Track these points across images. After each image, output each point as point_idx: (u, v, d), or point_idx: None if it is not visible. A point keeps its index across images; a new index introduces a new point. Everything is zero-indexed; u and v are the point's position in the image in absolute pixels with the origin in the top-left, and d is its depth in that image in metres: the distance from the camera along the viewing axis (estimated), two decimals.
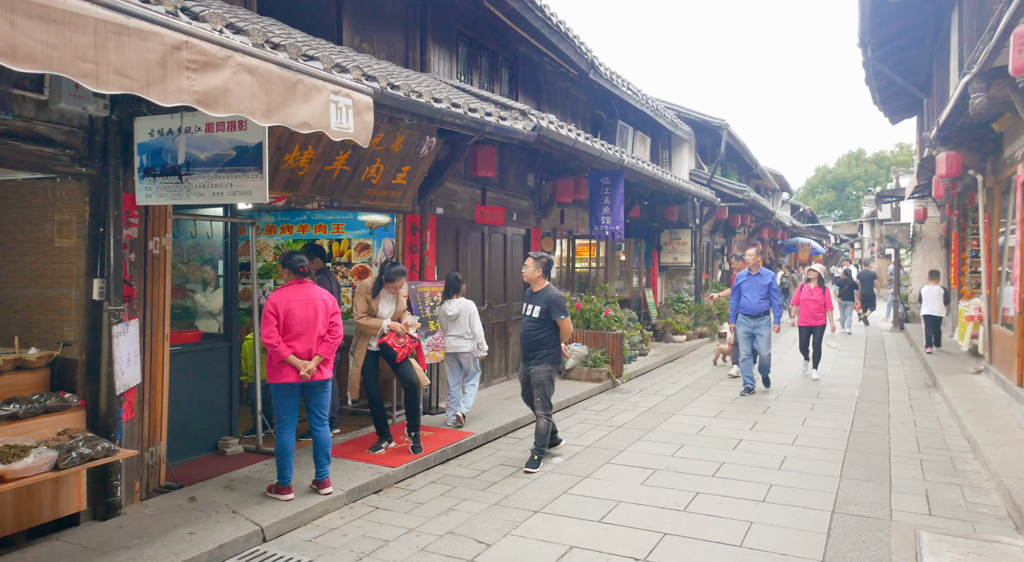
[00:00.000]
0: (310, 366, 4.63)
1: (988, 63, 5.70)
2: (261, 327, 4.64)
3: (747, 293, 8.74)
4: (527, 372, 5.76)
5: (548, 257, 5.79)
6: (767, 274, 8.78)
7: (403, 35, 7.75)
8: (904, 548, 4.01)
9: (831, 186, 58.10)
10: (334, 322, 4.83)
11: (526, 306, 5.77)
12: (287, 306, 4.65)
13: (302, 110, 3.01)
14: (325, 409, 4.90)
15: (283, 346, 4.57)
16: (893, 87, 13.26)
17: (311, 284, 4.88)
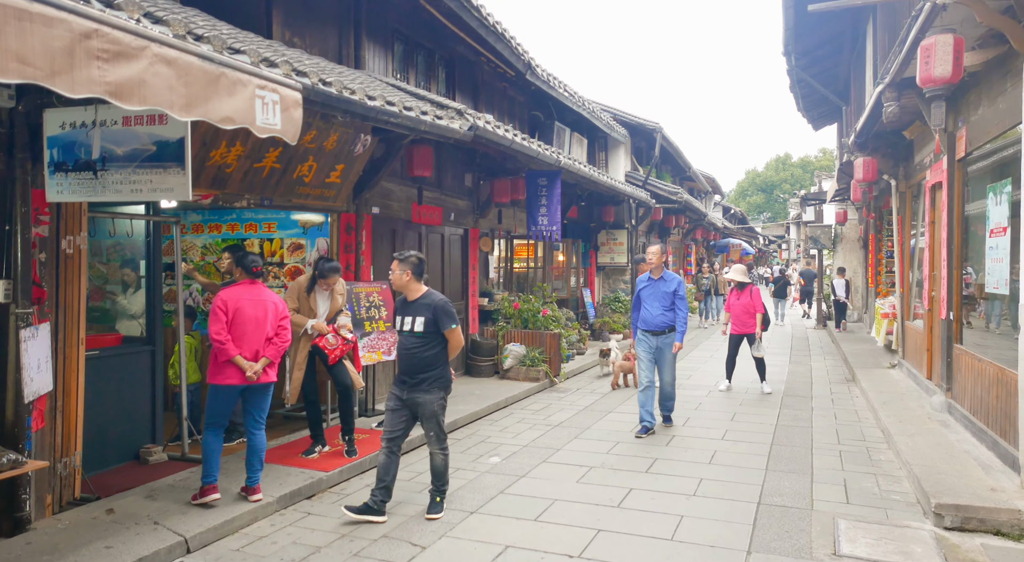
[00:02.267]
0: (256, 368, 4.55)
1: (899, 73, 6.02)
2: (210, 323, 4.52)
3: (648, 303, 6.76)
4: (408, 401, 4.58)
5: (417, 255, 4.66)
6: (672, 279, 6.78)
7: (337, 31, 7.60)
8: (824, 535, 4.20)
9: (760, 189, 60.35)
10: (283, 325, 4.77)
11: (401, 320, 4.62)
12: (236, 304, 4.58)
13: (225, 105, 2.90)
14: (265, 412, 4.80)
15: (231, 345, 4.49)
16: (815, 95, 13.87)
17: (262, 285, 4.83)
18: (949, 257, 6.80)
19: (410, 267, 4.59)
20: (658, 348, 6.73)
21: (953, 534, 4.19)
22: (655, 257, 6.77)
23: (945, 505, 4.31)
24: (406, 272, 4.58)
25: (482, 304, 10.16)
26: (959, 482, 4.68)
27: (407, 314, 4.60)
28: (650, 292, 6.80)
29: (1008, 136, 5.26)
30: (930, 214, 7.69)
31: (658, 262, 6.78)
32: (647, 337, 6.78)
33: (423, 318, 4.53)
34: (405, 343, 4.62)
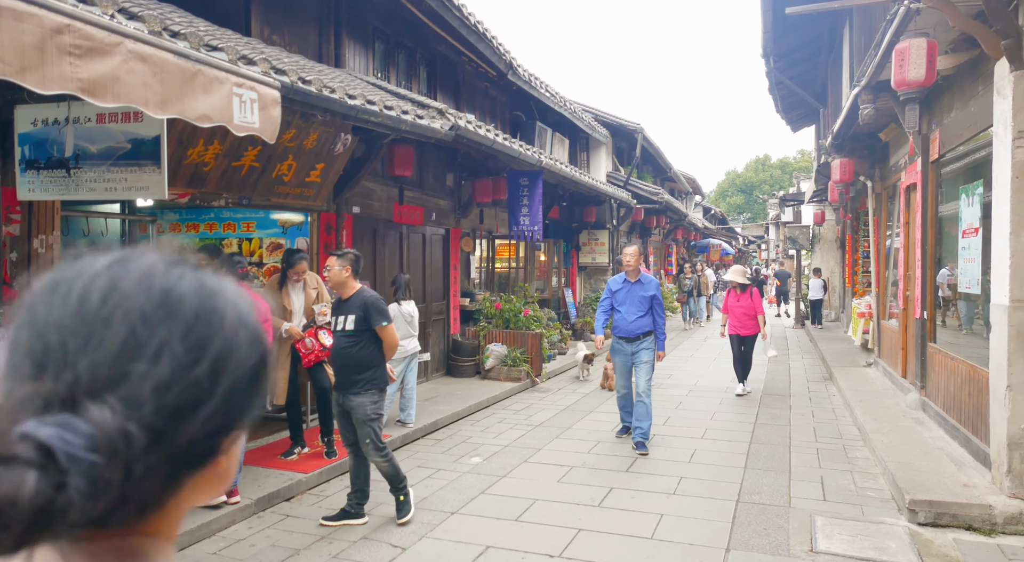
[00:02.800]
0: None
1: (875, 76, 6.11)
2: None
3: (623, 307, 6.33)
4: (343, 405, 4.41)
5: (355, 253, 4.53)
6: (650, 282, 6.36)
7: (317, 29, 7.54)
8: (801, 532, 4.24)
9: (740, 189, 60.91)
10: (264, 328, 4.69)
11: (335, 319, 4.52)
12: None
13: (202, 102, 2.87)
14: None
15: None
16: (793, 97, 14.03)
17: (247, 288, 4.74)
18: (923, 257, 6.92)
19: (349, 263, 4.44)
20: (634, 354, 6.30)
21: (927, 529, 4.26)
22: (632, 258, 6.34)
23: (919, 501, 4.38)
24: (345, 268, 4.42)
25: (463, 304, 10.14)
26: (932, 478, 4.76)
27: (341, 313, 4.46)
28: (625, 296, 6.35)
29: (980, 139, 5.36)
30: (905, 215, 7.81)
31: (636, 264, 6.37)
32: (622, 344, 6.35)
33: (354, 316, 4.38)
34: (338, 343, 4.48)
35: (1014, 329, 4.30)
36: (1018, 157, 4.29)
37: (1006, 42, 4.25)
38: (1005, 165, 4.40)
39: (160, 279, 0.56)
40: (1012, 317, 4.30)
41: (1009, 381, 4.31)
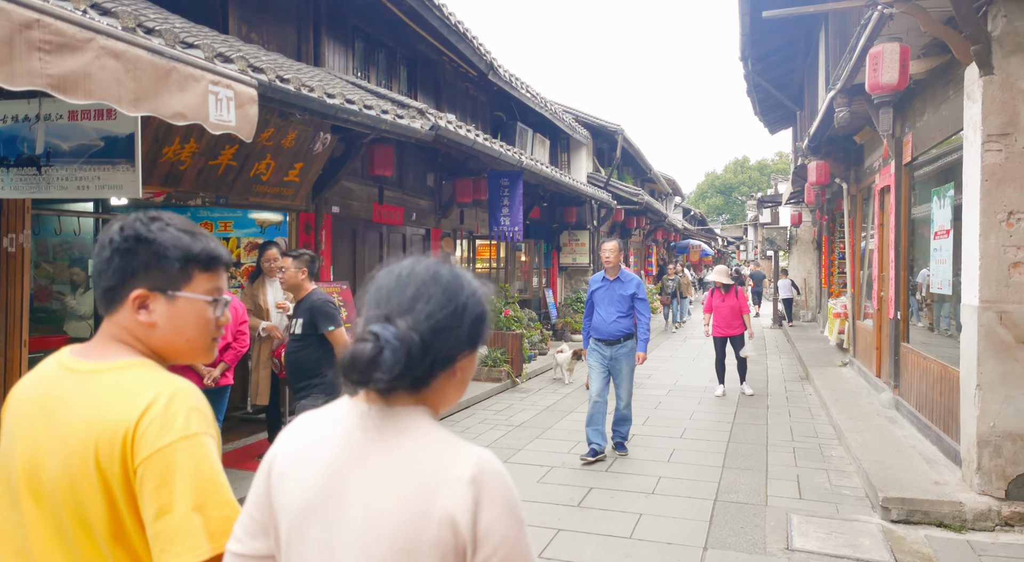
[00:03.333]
0: (215, 374, 4.47)
1: (849, 80, 6.21)
2: None
3: (601, 307, 5.90)
4: (297, 410, 4.47)
5: (311, 254, 4.42)
6: (631, 280, 5.92)
7: (296, 27, 7.48)
8: (777, 531, 4.29)
9: (719, 191, 61.50)
10: (242, 330, 4.68)
11: (291, 322, 4.49)
12: None
13: (176, 100, 2.83)
14: (222, 415, 4.76)
15: None
16: (771, 99, 14.20)
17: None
18: (897, 258, 7.03)
19: (305, 265, 4.32)
20: (613, 359, 5.80)
21: (899, 526, 4.33)
22: (612, 254, 5.88)
23: (892, 499, 4.45)
24: (301, 270, 4.31)
25: None
26: (905, 476, 4.84)
27: (295, 316, 4.37)
28: (604, 295, 5.89)
29: (951, 142, 5.46)
30: (879, 217, 7.94)
31: (616, 260, 5.92)
32: (600, 347, 5.86)
33: (302, 319, 4.28)
34: (289, 347, 4.43)
35: (984, 329, 4.39)
36: (987, 160, 4.38)
37: (976, 47, 4.33)
38: (975, 168, 4.49)
39: (432, 265, 1.10)
40: (982, 317, 4.39)
41: (979, 380, 4.40)
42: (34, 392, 1.22)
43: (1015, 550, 3.93)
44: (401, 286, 1.06)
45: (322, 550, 1.00)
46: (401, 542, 0.95)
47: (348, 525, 0.99)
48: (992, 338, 4.36)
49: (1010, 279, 4.35)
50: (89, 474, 1.11)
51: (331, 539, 0.99)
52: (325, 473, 1.02)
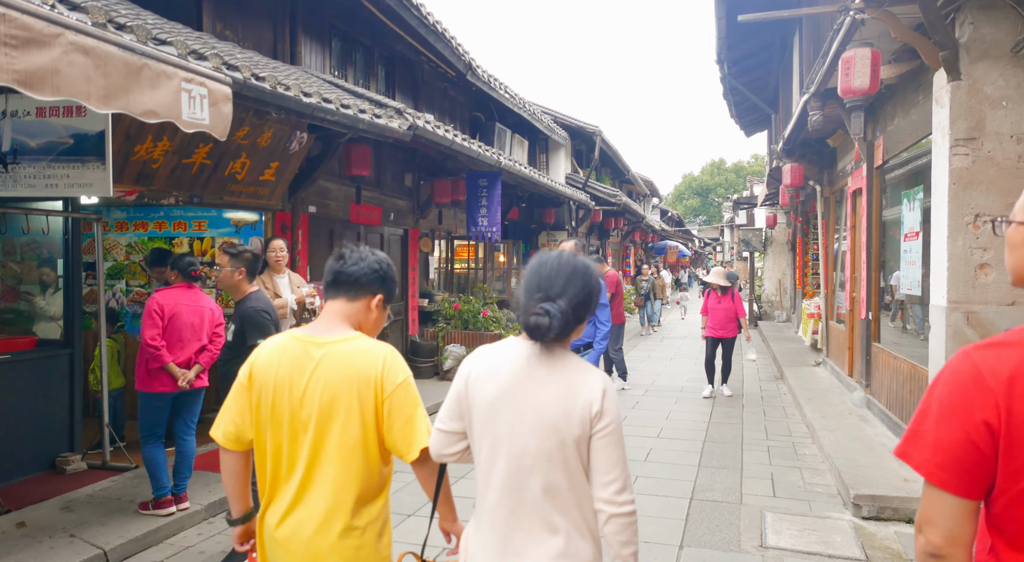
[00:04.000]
0: (189, 376, 4.39)
1: (822, 84, 6.30)
2: (144, 328, 4.31)
3: None
4: None
5: (253, 252, 3.94)
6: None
7: (271, 25, 7.40)
8: (751, 528, 4.35)
9: (696, 192, 62.07)
10: (217, 332, 4.62)
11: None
12: (174, 309, 4.39)
13: (148, 97, 2.78)
14: (196, 417, 4.66)
15: (165, 351, 4.30)
16: (747, 102, 14.37)
17: (199, 290, 4.65)
18: (868, 260, 7.16)
19: (243, 264, 3.86)
20: None
21: (870, 523, 4.41)
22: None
23: (863, 496, 4.53)
24: (239, 270, 3.84)
25: (422, 305, 10.08)
26: (876, 474, 4.93)
27: (231, 321, 4.03)
28: None
29: (920, 146, 5.57)
30: (851, 219, 8.07)
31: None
32: None
33: (234, 326, 3.91)
34: (220, 355, 4.24)
35: (951, 329, 4.48)
36: (955, 164, 4.48)
37: (944, 54, 4.43)
38: (943, 171, 4.59)
39: (572, 260, 1.73)
40: (949, 318, 4.49)
41: None
42: (282, 358, 1.92)
43: None
44: (555, 275, 1.70)
45: (508, 425, 1.69)
46: (560, 417, 1.65)
47: (525, 411, 1.68)
48: (960, 338, 4.46)
49: (976, 280, 4.45)
50: (351, 405, 1.86)
51: (514, 418, 1.69)
52: (509, 381, 1.71)
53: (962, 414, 1.18)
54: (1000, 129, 4.40)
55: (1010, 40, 4.37)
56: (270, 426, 1.90)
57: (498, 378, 1.73)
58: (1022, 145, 4.36)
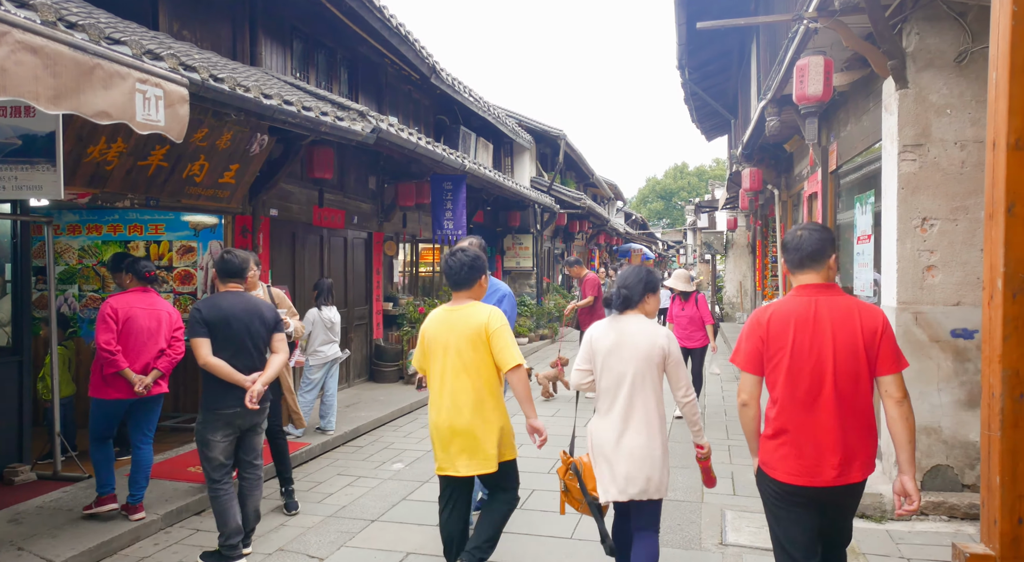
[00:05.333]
0: (147, 382, 4.29)
1: (779, 91, 6.47)
2: (98, 332, 4.21)
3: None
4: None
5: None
6: (496, 291, 4.36)
7: (231, 25, 7.29)
8: (712, 526, 4.43)
9: (660, 196, 62.88)
10: (176, 336, 4.52)
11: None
12: (128, 313, 4.30)
13: (100, 98, 2.72)
14: (154, 426, 4.55)
15: (121, 357, 4.20)
16: (707, 108, 14.64)
17: (155, 293, 4.57)
18: None
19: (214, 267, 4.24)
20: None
21: None
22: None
23: None
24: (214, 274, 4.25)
25: (387, 309, 10.02)
26: None
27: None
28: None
29: (872, 151, 5.75)
30: (808, 222, 8.28)
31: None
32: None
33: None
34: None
35: (901, 329, 4.63)
36: (903, 169, 4.64)
37: (892, 62, 4.59)
38: (892, 177, 4.75)
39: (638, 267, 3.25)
40: (899, 318, 4.64)
41: None
42: (439, 318, 3.35)
43: (929, 537, 4.17)
44: (628, 274, 3.18)
45: (617, 361, 3.04)
46: (647, 353, 3.02)
47: (626, 353, 3.04)
48: (909, 337, 4.61)
49: (924, 281, 4.61)
50: (477, 340, 3.22)
51: (621, 355, 3.04)
52: (615, 336, 3.08)
53: (753, 337, 2.68)
54: (945, 136, 4.58)
55: (954, 50, 4.54)
56: (433, 360, 3.35)
57: (609, 335, 3.12)
58: (965, 151, 4.54)
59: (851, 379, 2.56)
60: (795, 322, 2.60)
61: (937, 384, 4.58)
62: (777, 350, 2.62)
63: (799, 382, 2.60)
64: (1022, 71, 2.30)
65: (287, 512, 4.71)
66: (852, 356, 2.56)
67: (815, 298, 2.62)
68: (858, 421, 2.57)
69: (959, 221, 4.56)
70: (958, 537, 4.14)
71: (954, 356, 4.56)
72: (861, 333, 2.56)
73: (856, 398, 2.56)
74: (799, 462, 2.58)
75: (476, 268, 3.32)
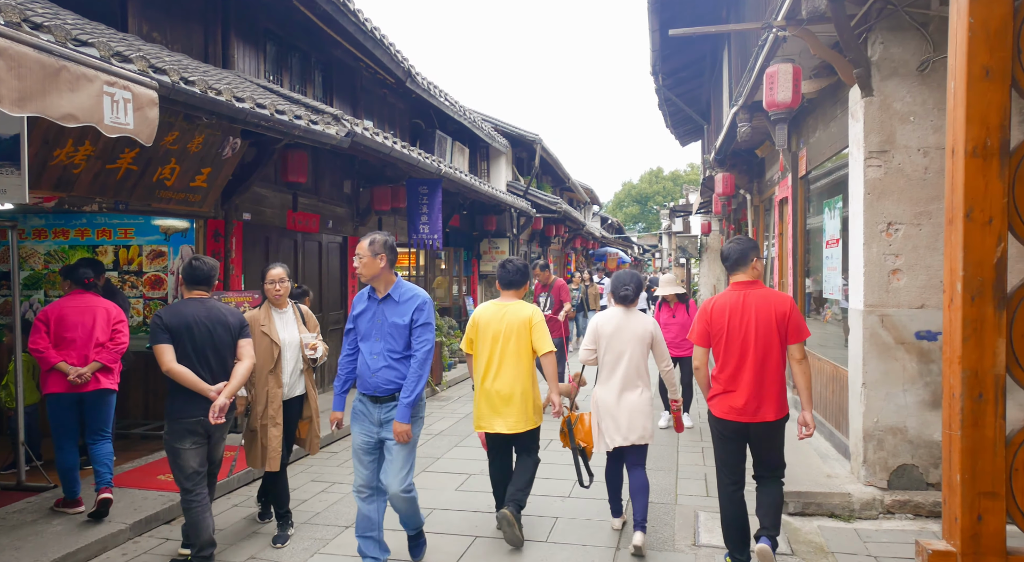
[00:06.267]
0: (82, 371, 4.43)
1: (750, 97, 6.57)
2: (29, 337, 4.47)
3: (365, 343, 3.76)
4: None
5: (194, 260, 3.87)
6: (410, 299, 3.72)
7: (202, 27, 7.21)
8: (685, 527, 4.47)
9: (636, 200, 63.37)
10: (117, 329, 4.68)
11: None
12: (59, 313, 4.55)
13: (67, 101, 2.68)
14: (106, 422, 4.64)
15: (51, 352, 4.42)
16: (681, 113, 14.81)
17: (93, 295, 4.73)
18: (794, 266, 7.48)
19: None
20: (383, 425, 3.67)
21: (795, 518, 4.60)
22: (366, 258, 3.63)
23: (788, 492, 4.70)
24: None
25: None
26: (801, 471, 5.14)
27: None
28: (369, 323, 3.72)
29: (840, 157, 5.87)
30: (779, 226, 8.42)
31: (375, 270, 3.63)
32: (366, 407, 3.71)
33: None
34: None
35: (868, 331, 4.74)
36: (869, 175, 4.75)
37: (858, 71, 4.70)
38: (859, 182, 4.85)
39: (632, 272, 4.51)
40: (866, 320, 4.74)
41: (864, 379, 4.75)
42: (490, 310, 4.28)
43: (896, 535, 4.26)
44: (626, 278, 4.35)
45: (618, 342, 4.21)
46: (640, 336, 4.22)
47: (625, 336, 4.21)
48: (875, 339, 4.72)
49: (890, 285, 4.72)
50: (522, 330, 4.17)
51: (621, 337, 4.21)
52: (616, 323, 4.25)
53: (702, 321, 3.74)
54: (909, 143, 4.69)
55: (916, 59, 4.67)
56: (483, 342, 4.23)
57: (611, 323, 4.25)
58: (928, 158, 4.66)
59: (765, 349, 3.59)
60: (729, 309, 3.67)
61: (903, 385, 4.68)
62: (718, 330, 3.69)
63: (732, 352, 3.64)
64: (979, 81, 2.38)
65: (260, 521, 4.65)
66: (767, 332, 3.59)
67: (743, 292, 3.69)
68: (770, 379, 3.60)
69: (923, 226, 4.68)
70: (923, 534, 4.23)
71: (919, 358, 4.67)
72: (774, 315, 3.59)
73: (768, 363, 3.59)
74: (732, 406, 3.65)
75: (525, 274, 4.34)
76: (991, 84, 2.36)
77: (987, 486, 2.35)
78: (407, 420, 3.60)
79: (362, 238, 3.77)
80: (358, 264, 3.70)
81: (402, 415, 3.59)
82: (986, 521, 2.35)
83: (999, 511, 2.35)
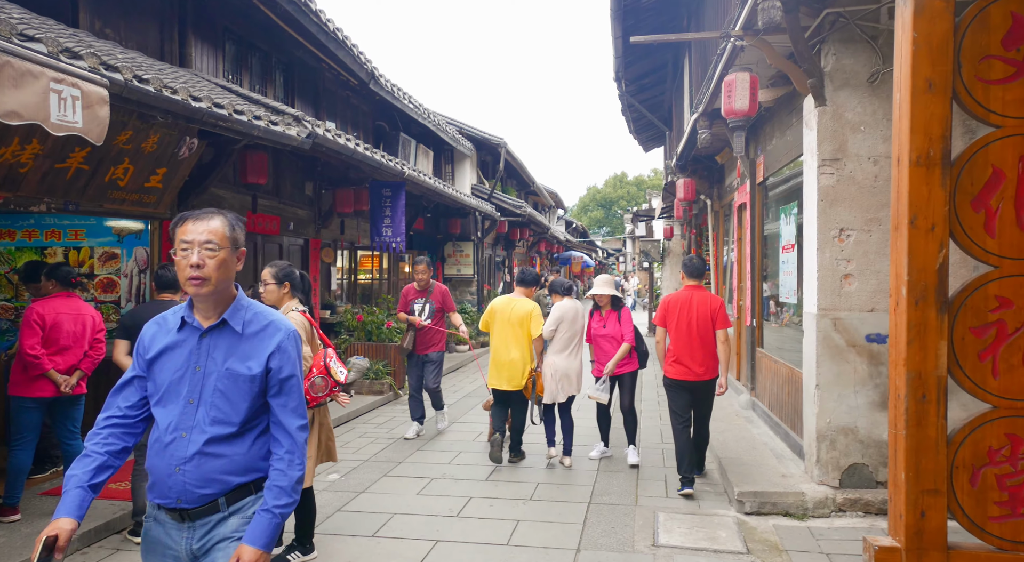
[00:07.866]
0: (72, 382, 4.53)
1: (709, 105, 6.70)
2: (23, 338, 4.41)
3: (166, 406, 2.03)
4: None
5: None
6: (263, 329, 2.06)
7: (158, 25, 7.04)
8: (645, 529, 4.52)
9: (600, 205, 63.94)
10: (98, 338, 4.76)
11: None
12: (55, 318, 4.51)
13: (10, 98, 2.59)
14: (79, 423, 4.75)
15: (46, 360, 4.42)
16: (644, 119, 15.01)
17: (79, 298, 4.76)
18: (752, 270, 7.63)
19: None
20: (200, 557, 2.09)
21: (752, 518, 4.69)
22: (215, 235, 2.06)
23: (745, 492, 4.81)
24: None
25: (324, 317, 9.83)
26: (757, 471, 5.25)
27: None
28: (180, 371, 2.03)
29: (796, 165, 6.02)
30: (738, 231, 8.59)
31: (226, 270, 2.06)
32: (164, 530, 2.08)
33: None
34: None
35: (821, 334, 4.86)
36: (822, 182, 4.88)
37: (811, 81, 4.83)
38: (812, 189, 4.98)
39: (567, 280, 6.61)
40: (819, 323, 4.87)
41: (818, 380, 4.87)
42: (503, 302, 6.11)
43: (847, 533, 4.37)
44: (567, 281, 6.47)
45: (571, 323, 6.05)
46: (583, 320, 6.21)
47: (578, 319, 6.16)
48: (828, 342, 4.84)
49: (842, 289, 4.85)
50: (524, 319, 5.92)
51: (575, 320, 6.11)
52: (573, 310, 6.09)
53: (661, 310, 5.49)
54: (859, 151, 4.84)
55: (867, 71, 4.81)
56: (496, 325, 6.01)
57: (571, 310, 6.02)
58: (878, 166, 4.81)
59: (704, 331, 5.27)
60: (681, 304, 5.34)
61: (854, 387, 4.81)
62: (672, 316, 5.35)
63: (681, 332, 5.29)
64: (922, 93, 2.47)
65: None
66: (705, 320, 5.28)
67: (692, 292, 5.38)
68: (708, 352, 5.27)
69: (873, 232, 4.82)
70: (872, 531, 4.35)
71: (869, 360, 4.81)
72: (709, 309, 5.29)
73: (705, 341, 5.26)
74: (681, 369, 5.29)
75: (535, 279, 6.30)
76: (933, 96, 2.46)
77: (930, 484, 2.44)
78: (268, 544, 1.94)
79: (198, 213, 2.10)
80: (182, 255, 2.01)
81: (262, 532, 1.93)
82: (929, 517, 2.43)
83: (941, 508, 2.44)
